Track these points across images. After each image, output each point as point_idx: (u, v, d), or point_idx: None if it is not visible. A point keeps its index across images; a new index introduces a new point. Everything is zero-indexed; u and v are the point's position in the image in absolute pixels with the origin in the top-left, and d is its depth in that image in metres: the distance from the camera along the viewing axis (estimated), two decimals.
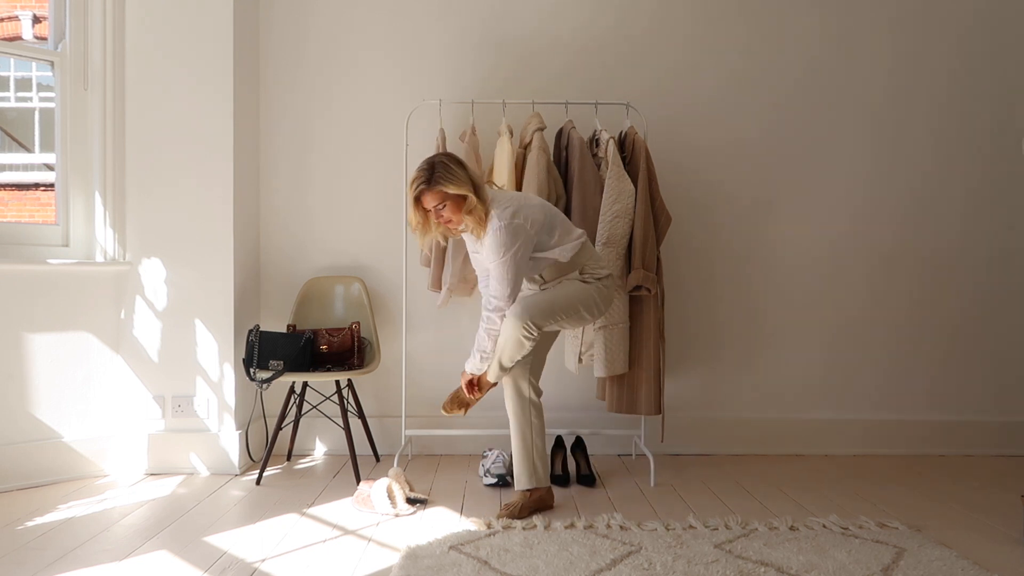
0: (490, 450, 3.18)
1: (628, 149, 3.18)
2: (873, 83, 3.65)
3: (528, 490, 2.74)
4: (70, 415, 3.13)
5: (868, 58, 3.64)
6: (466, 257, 3.13)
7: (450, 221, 2.59)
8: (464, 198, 2.54)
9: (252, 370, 3.03)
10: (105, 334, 3.21)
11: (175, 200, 3.23)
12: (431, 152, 3.30)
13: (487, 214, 2.57)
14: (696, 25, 3.62)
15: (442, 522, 2.62)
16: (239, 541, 2.43)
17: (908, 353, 3.68)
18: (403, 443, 3.35)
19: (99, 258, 3.23)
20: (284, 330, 3.35)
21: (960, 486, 3.11)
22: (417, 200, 2.58)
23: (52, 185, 3.53)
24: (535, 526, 2.54)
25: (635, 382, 3.11)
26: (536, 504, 2.72)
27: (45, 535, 2.47)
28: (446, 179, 2.52)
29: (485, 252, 2.61)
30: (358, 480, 3.01)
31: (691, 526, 2.56)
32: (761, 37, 3.63)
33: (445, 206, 2.55)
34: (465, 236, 2.80)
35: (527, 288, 2.79)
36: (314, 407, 3.32)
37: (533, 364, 2.80)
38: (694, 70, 3.62)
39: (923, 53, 3.66)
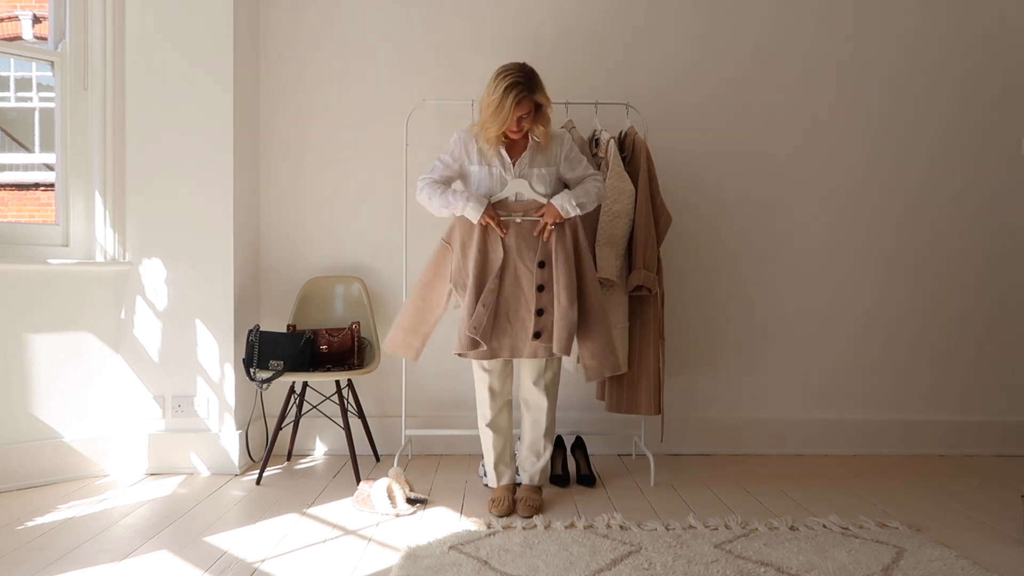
0: None
1: (628, 149, 3.18)
2: (876, 84, 3.65)
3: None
4: (70, 415, 3.13)
5: (870, 59, 3.64)
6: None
7: (526, 128, 2.71)
8: (544, 110, 2.71)
9: (252, 370, 3.03)
10: (105, 334, 3.21)
11: (175, 200, 3.23)
12: (431, 152, 3.31)
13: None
14: (697, 25, 3.61)
15: (442, 522, 2.62)
16: (239, 541, 2.43)
17: (908, 353, 3.68)
18: (403, 443, 3.35)
19: (99, 258, 3.23)
20: (284, 330, 3.35)
21: (960, 486, 3.11)
22: (507, 95, 2.62)
23: (52, 185, 3.54)
24: (535, 526, 2.55)
25: (635, 382, 3.11)
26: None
27: (45, 535, 2.47)
28: (542, 91, 2.67)
29: (565, 156, 2.78)
30: (358, 480, 3.01)
31: (691, 526, 2.56)
32: (763, 38, 3.62)
33: (530, 115, 2.67)
34: (468, 149, 2.80)
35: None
36: (314, 407, 3.32)
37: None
38: (695, 70, 3.61)
39: (926, 55, 3.65)
